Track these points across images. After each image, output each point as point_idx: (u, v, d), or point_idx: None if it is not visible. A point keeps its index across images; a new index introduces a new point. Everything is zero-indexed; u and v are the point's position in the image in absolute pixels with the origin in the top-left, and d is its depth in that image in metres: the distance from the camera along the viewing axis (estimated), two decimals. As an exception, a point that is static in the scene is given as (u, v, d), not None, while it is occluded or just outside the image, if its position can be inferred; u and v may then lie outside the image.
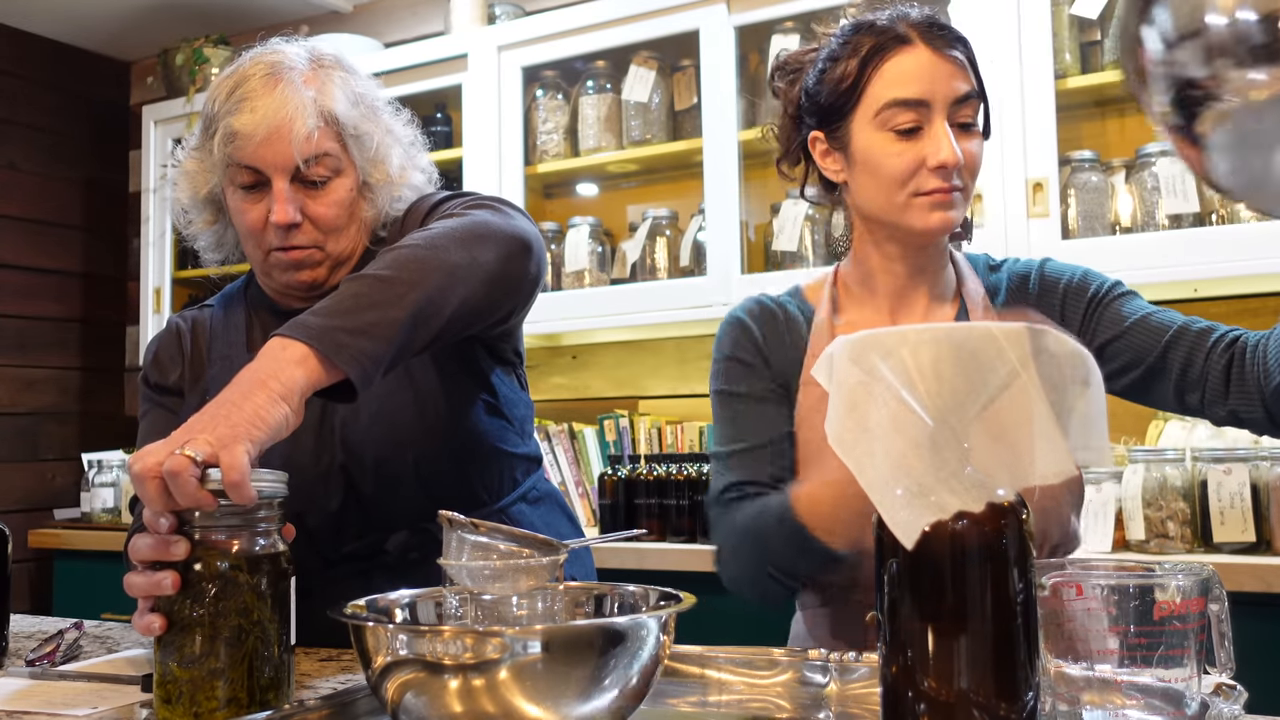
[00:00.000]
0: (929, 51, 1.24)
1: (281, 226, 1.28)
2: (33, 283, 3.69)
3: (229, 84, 1.30)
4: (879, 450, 0.64)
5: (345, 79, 1.34)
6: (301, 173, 1.28)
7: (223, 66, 3.47)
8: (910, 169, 1.24)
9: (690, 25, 2.65)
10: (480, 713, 0.73)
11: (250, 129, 1.26)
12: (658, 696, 0.97)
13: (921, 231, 1.26)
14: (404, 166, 1.37)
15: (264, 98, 1.27)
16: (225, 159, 1.28)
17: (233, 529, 0.90)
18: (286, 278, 1.34)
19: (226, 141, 1.27)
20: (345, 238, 1.34)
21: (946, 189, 1.24)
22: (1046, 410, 0.63)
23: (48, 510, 3.58)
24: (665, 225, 2.83)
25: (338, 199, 1.31)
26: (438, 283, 1.13)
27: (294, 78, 1.29)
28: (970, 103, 1.26)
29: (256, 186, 1.29)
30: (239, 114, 1.26)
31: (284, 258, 1.31)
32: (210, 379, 1.35)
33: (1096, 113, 2.48)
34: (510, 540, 0.90)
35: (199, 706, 0.87)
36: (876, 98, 1.25)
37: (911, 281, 1.33)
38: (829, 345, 0.69)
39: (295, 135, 1.26)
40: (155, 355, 1.43)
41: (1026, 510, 0.66)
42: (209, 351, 1.39)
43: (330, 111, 1.29)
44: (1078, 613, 0.74)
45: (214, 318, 1.43)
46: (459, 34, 3.00)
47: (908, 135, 1.24)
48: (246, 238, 1.34)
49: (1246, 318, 2.38)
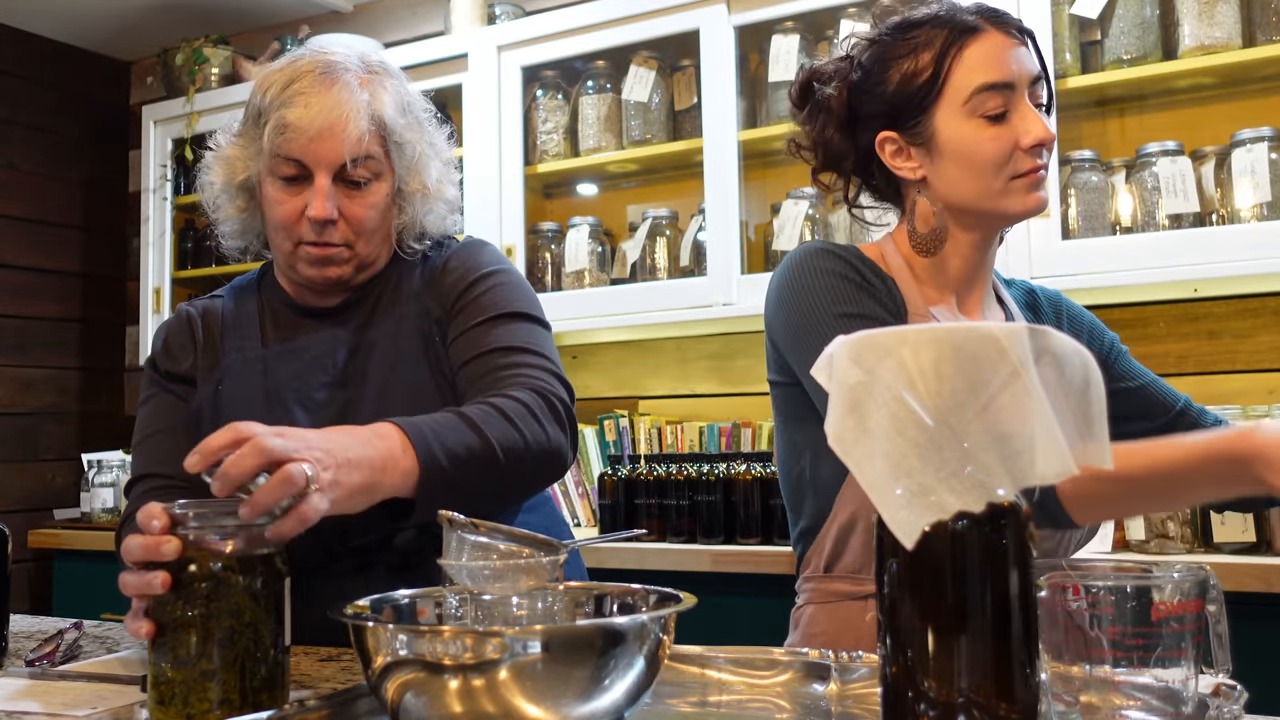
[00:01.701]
0: (1002, 36, 1.27)
1: (318, 221, 1.30)
2: (32, 283, 3.70)
3: (283, 78, 1.31)
4: (879, 450, 0.64)
5: (395, 86, 1.37)
6: (345, 172, 1.30)
7: (222, 66, 3.47)
8: (1006, 152, 1.26)
9: (690, 25, 2.65)
10: (480, 713, 0.73)
11: (304, 123, 1.28)
12: (658, 696, 0.97)
13: (1020, 213, 1.29)
14: (440, 180, 1.40)
15: (319, 95, 1.29)
16: (273, 149, 1.30)
17: (226, 530, 0.90)
18: (312, 272, 1.35)
19: (277, 132, 1.29)
20: (375, 240, 1.36)
21: (1041, 167, 1.27)
22: (1047, 410, 0.63)
23: (47, 510, 3.58)
24: (665, 225, 2.83)
25: (374, 202, 1.34)
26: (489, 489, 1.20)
27: (349, 79, 1.31)
28: (1042, 83, 1.29)
29: (297, 180, 1.31)
30: (293, 107, 1.29)
31: (314, 252, 1.33)
32: (225, 369, 1.36)
33: (1097, 113, 2.48)
34: (510, 540, 0.90)
35: (192, 708, 0.87)
36: (962, 85, 1.26)
37: (980, 273, 1.35)
38: (832, 345, 0.69)
39: (347, 135, 1.28)
40: (165, 342, 1.43)
41: (1027, 510, 0.66)
42: (223, 341, 1.40)
43: (380, 116, 1.32)
44: (1076, 613, 0.74)
45: (225, 308, 1.44)
46: (459, 34, 3.00)
47: (997, 120, 1.26)
48: (278, 228, 1.35)
49: (1247, 318, 2.38)
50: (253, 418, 1.25)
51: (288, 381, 1.34)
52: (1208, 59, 2.21)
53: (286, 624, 0.92)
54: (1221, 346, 2.40)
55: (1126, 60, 2.29)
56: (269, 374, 1.35)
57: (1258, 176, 2.16)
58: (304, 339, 1.37)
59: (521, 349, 1.31)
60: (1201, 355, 2.41)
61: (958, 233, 1.32)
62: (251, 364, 1.36)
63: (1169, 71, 2.26)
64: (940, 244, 1.34)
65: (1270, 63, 2.21)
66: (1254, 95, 2.35)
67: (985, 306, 1.37)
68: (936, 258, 1.34)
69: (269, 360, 1.36)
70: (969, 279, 1.35)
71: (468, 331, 1.33)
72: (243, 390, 1.34)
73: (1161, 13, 2.28)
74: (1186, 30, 2.23)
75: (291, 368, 1.35)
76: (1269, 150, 2.16)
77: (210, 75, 3.46)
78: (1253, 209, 2.17)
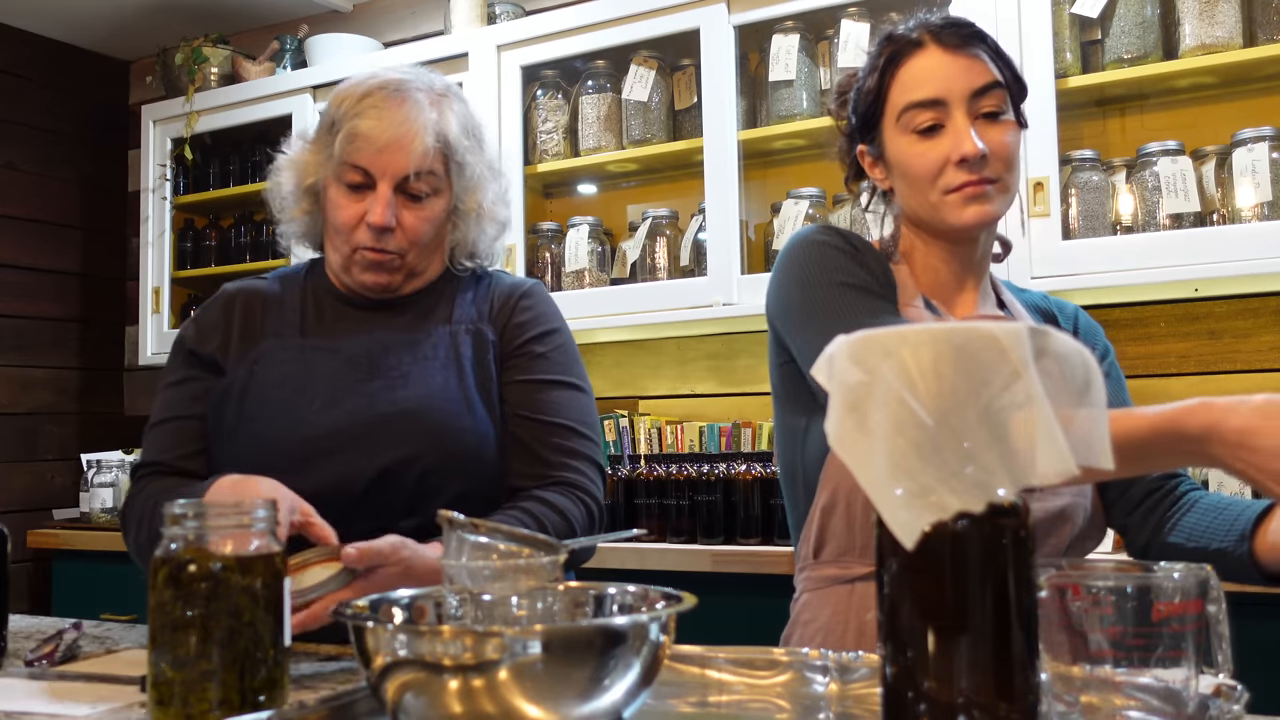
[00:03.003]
0: (940, 51, 1.27)
1: (377, 228, 1.38)
2: (31, 282, 3.69)
3: (358, 91, 1.40)
4: (879, 450, 0.64)
5: (461, 109, 1.45)
6: (407, 184, 1.38)
7: (221, 66, 3.47)
8: (936, 167, 1.27)
9: (690, 25, 2.65)
10: (480, 713, 0.73)
11: (374, 134, 1.36)
12: (658, 696, 0.97)
13: (960, 227, 1.28)
14: (494, 201, 1.48)
15: (391, 110, 1.37)
16: (342, 156, 1.38)
17: (226, 530, 0.90)
18: (365, 276, 1.42)
19: (348, 141, 1.38)
20: (427, 253, 1.45)
21: (975, 180, 1.26)
22: (1047, 410, 0.63)
23: (47, 510, 3.58)
24: (665, 225, 2.82)
25: (431, 215, 1.42)
26: None
27: (420, 98, 1.40)
28: (993, 93, 1.27)
29: (361, 188, 1.39)
30: (365, 118, 1.37)
31: (369, 256, 1.40)
32: (260, 351, 1.41)
33: (1097, 112, 2.48)
34: (510, 540, 0.90)
35: (191, 708, 0.87)
36: (896, 103, 1.29)
37: (957, 282, 1.36)
38: (832, 345, 0.69)
39: (413, 149, 1.37)
40: (198, 319, 1.49)
41: (1027, 510, 0.66)
42: (263, 324, 1.45)
43: (445, 135, 1.40)
44: (1076, 613, 0.74)
45: (269, 291, 1.49)
46: (459, 33, 2.99)
47: (929, 134, 1.27)
48: (337, 231, 1.42)
49: (1247, 318, 2.38)
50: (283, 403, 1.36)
51: (323, 375, 1.38)
52: (1208, 58, 2.21)
53: (286, 624, 0.92)
54: (1222, 346, 2.40)
55: (1127, 60, 2.29)
56: (305, 364, 1.39)
57: (1259, 176, 2.16)
58: (345, 337, 1.43)
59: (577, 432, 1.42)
60: (1202, 355, 2.41)
61: (922, 243, 1.36)
62: (289, 352, 1.41)
63: (1170, 71, 2.26)
64: (895, 250, 1.38)
65: (1271, 62, 2.21)
66: (1255, 95, 2.35)
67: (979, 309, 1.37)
68: (915, 264, 1.37)
69: (307, 351, 1.41)
70: (952, 285, 1.36)
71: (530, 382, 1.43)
72: (276, 375, 1.39)
73: (1162, 12, 2.28)
74: (1187, 30, 2.23)
75: (330, 363, 1.40)
76: (1270, 150, 2.16)
77: (210, 75, 3.46)
78: (1253, 209, 2.17)
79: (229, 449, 1.36)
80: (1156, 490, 1.35)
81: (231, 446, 1.36)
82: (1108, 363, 1.44)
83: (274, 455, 1.33)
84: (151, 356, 3.48)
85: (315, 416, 1.35)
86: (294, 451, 1.33)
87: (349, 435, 1.34)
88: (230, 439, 1.37)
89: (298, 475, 1.28)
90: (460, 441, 1.36)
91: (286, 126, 3.27)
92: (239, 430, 1.37)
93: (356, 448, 1.34)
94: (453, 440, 1.35)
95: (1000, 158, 1.27)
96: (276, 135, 3.34)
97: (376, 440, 1.34)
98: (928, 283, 1.36)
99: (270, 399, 1.37)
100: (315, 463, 1.32)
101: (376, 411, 1.35)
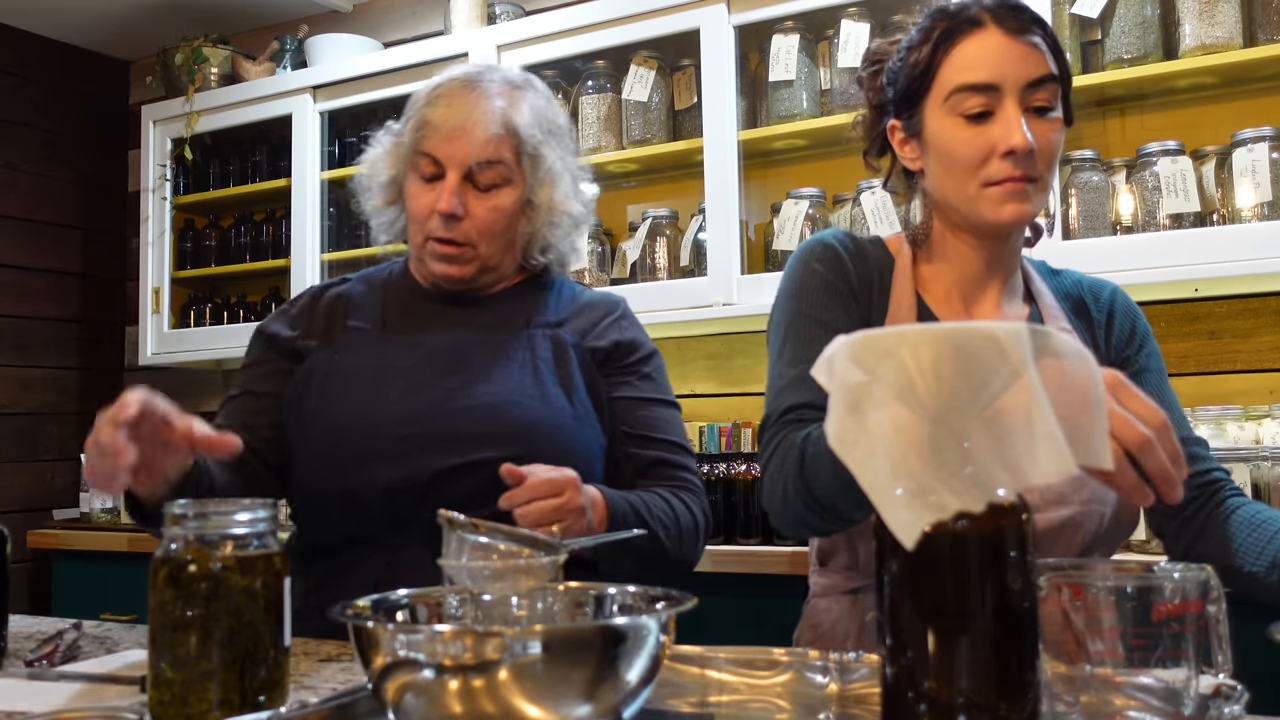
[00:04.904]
0: (1000, 33, 1.20)
1: (444, 214, 1.40)
2: (31, 282, 3.69)
3: (433, 84, 1.46)
4: (879, 450, 0.64)
5: (535, 101, 1.48)
6: (474, 174, 1.41)
7: (221, 66, 3.47)
8: (980, 155, 1.21)
9: (690, 25, 2.65)
10: (480, 713, 0.73)
11: (439, 122, 1.41)
12: (658, 697, 0.97)
13: (994, 223, 1.23)
14: (567, 195, 1.48)
15: (458, 99, 1.42)
16: (413, 145, 1.43)
17: (225, 531, 0.90)
18: (438, 267, 1.45)
19: (417, 129, 1.43)
20: (498, 245, 1.45)
21: (1018, 177, 1.20)
22: (1047, 410, 0.63)
23: (46, 510, 3.58)
24: (665, 225, 2.82)
25: (500, 205, 1.43)
26: None
27: (489, 89, 1.43)
28: (1047, 86, 1.21)
29: (434, 178, 1.42)
30: (435, 107, 1.42)
31: (438, 248, 1.43)
32: (341, 343, 1.45)
33: (1097, 112, 2.48)
34: (510, 540, 0.90)
35: (191, 708, 0.86)
36: (946, 82, 1.22)
37: (987, 272, 1.31)
38: (832, 345, 0.69)
39: (476, 136, 1.40)
40: (285, 310, 1.53)
41: (1027, 510, 0.65)
42: (345, 318, 1.49)
43: (513, 124, 1.42)
44: (1076, 613, 0.74)
45: (354, 291, 1.53)
46: (459, 34, 2.99)
47: (978, 120, 1.21)
48: (412, 221, 1.46)
49: (1247, 317, 2.38)
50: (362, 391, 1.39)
51: (402, 367, 1.41)
52: (1208, 59, 2.21)
53: (286, 624, 0.92)
54: (1222, 346, 2.40)
55: (1127, 60, 2.29)
56: (385, 355, 1.42)
57: (1259, 176, 2.16)
58: (425, 332, 1.45)
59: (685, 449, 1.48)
60: (1202, 355, 2.41)
61: (951, 232, 1.30)
62: (370, 343, 1.44)
63: (1170, 71, 2.26)
64: (926, 238, 1.33)
65: (1271, 62, 2.21)
66: (1255, 95, 2.35)
67: (1004, 308, 1.32)
68: (939, 258, 1.32)
69: (388, 344, 1.44)
70: (976, 280, 1.31)
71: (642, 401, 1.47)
72: (356, 364, 1.41)
73: (1162, 12, 2.28)
74: (1187, 30, 2.23)
75: (410, 356, 1.42)
76: (1270, 150, 2.16)
77: (210, 75, 3.46)
78: (1253, 209, 2.17)
79: (306, 433, 1.40)
80: (1196, 498, 1.30)
81: (309, 431, 1.39)
82: (1145, 352, 1.36)
83: (351, 441, 1.35)
84: (151, 356, 3.48)
85: (394, 406, 1.37)
86: (370, 438, 1.35)
87: (427, 426, 1.35)
88: (309, 424, 1.40)
89: (373, 462, 1.31)
90: (536, 435, 1.36)
91: (286, 127, 3.28)
92: (317, 415, 1.39)
93: (433, 439, 1.35)
94: (529, 435, 1.36)
95: (1044, 156, 1.22)
96: (276, 135, 3.35)
97: (453, 432, 1.35)
98: (954, 276, 1.31)
99: (350, 387, 1.40)
100: (390, 451, 1.34)
101: (455, 405, 1.36)
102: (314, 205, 3.24)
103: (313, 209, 3.24)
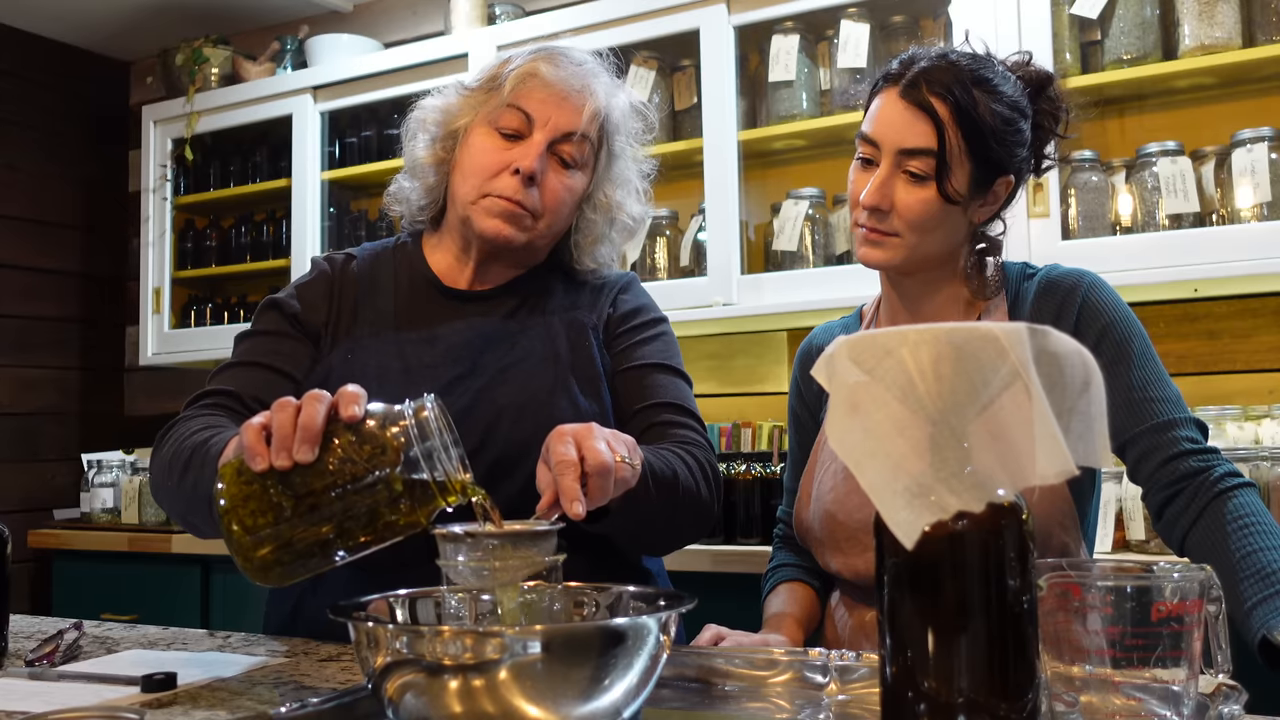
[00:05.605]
0: (897, 97, 1.29)
1: (526, 173, 1.33)
2: (32, 282, 3.70)
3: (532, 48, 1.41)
4: (879, 450, 0.64)
5: (629, 100, 1.45)
6: (561, 145, 1.36)
7: (222, 66, 3.47)
8: (854, 199, 1.33)
9: (690, 25, 2.65)
10: (480, 713, 0.73)
11: (551, 78, 1.35)
12: (658, 697, 0.97)
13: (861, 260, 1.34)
14: (621, 202, 1.45)
15: (570, 66, 1.38)
16: (510, 98, 1.35)
17: None
18: (491, 224, 1.36)
19: (521, 81, 1.35)
20: (555, 226, 1.40)
21: (869, 227, 1.31)
22: (1046, 410, 0.63)
23: (47, 510, 3.58)
24: (665, 225, 2.82)
25: (573, 185, 1.39)
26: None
27: (597, 69, 1.41)
28: (922, 158, 1.26)
29: (514, 137, 1.36)
30: (548, 63, 1.36)
31: (501, 204, 1.35)
32: (357, 340, 1.39)
33: (1097, 113, 2.48)
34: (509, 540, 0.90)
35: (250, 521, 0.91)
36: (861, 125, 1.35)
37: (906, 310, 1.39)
38: (832, 345, 0.69)
39: (585, 106, 1.36)
40: (299, 293, 1.44)
41: (1027, 510, 0.66)
42: (357, 309, 1.42)
43: (610, 111, 1.40)
44: (1076, 613, 0.74)
45: (360, 269, 1.46)
46: (459, 34, 3.00)
47: (865, 166, 1.32)
48: (472, 173, 1.37)
49: (1247, 318, 2.38)
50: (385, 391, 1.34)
51: (421, 367, 1.36)
52: (1208, 59, 2.21)
53: None
54: (1221, 346, 2.40)
55: (1126, 60, 2.29)
56: (403, 357, 1.37)
57: (1258, 176, 2.16)
58: (442, 327, 1.40)
59: (688, 411, 1.40)
60: (1201, 355, 2.41)
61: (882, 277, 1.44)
62: (386, 344, 1.39)
63: (1169, 71, 2.26)
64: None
65: (1270, 63, 2.21)
66: (1254, 95, 2.35)
67: None
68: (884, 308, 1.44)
69: (404, 344, 1.39)
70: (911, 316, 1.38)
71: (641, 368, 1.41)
72: (373, 366, 1.36)
73: (1161, 13, 2.28)
74: (1186, 30, 2.23)
75: (428, 354, 1.37)
76: (1269, 150, 2.16)
77: (210, 75, 3.46)
78: (1253, 209, 2.17)
79: None
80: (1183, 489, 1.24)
81: None
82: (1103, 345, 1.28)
83: None
84: (152, 357, 3.48)
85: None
86: None
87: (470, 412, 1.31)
88: None
89: None
90: None
91: (287, 127, 3.28)
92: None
93: None
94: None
95: (904, 217, 1.28)
96: (277, 136, 3.36)
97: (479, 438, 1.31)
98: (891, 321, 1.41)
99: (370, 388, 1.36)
100: None
101: (478, 410, 1.32)
102: (314, 205, 3.24)
103: (313, 209, 3.24)
